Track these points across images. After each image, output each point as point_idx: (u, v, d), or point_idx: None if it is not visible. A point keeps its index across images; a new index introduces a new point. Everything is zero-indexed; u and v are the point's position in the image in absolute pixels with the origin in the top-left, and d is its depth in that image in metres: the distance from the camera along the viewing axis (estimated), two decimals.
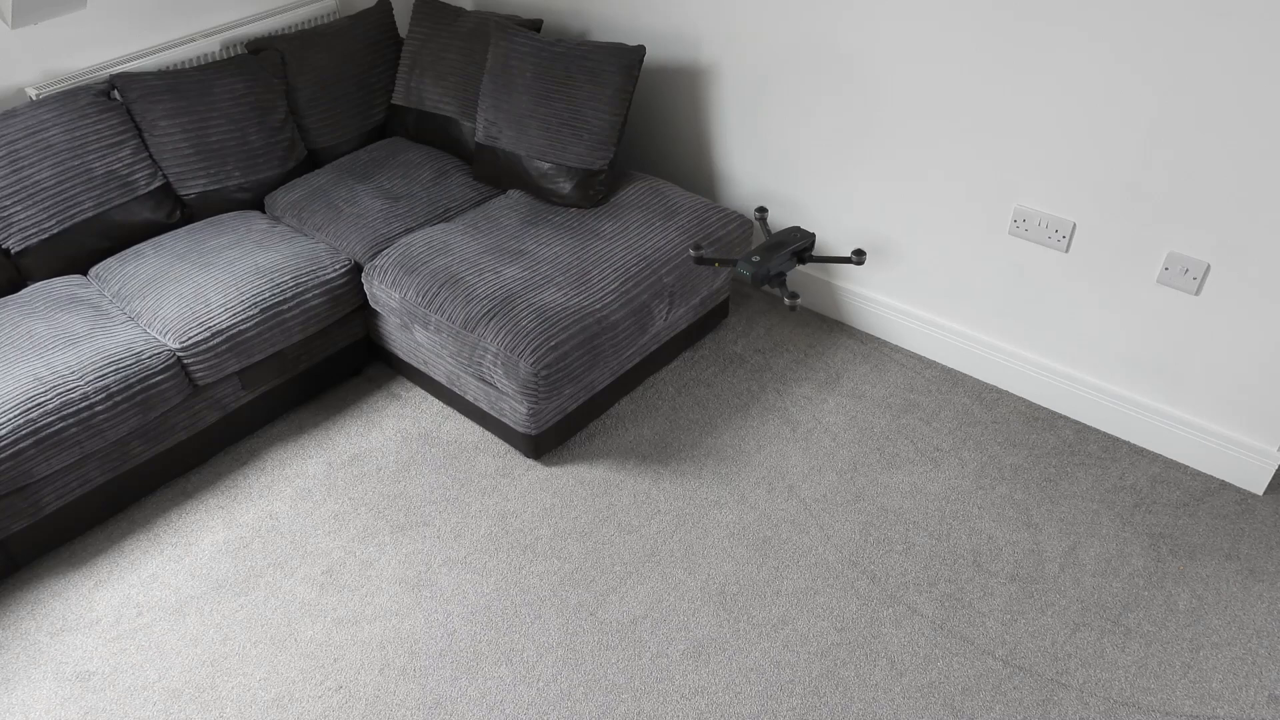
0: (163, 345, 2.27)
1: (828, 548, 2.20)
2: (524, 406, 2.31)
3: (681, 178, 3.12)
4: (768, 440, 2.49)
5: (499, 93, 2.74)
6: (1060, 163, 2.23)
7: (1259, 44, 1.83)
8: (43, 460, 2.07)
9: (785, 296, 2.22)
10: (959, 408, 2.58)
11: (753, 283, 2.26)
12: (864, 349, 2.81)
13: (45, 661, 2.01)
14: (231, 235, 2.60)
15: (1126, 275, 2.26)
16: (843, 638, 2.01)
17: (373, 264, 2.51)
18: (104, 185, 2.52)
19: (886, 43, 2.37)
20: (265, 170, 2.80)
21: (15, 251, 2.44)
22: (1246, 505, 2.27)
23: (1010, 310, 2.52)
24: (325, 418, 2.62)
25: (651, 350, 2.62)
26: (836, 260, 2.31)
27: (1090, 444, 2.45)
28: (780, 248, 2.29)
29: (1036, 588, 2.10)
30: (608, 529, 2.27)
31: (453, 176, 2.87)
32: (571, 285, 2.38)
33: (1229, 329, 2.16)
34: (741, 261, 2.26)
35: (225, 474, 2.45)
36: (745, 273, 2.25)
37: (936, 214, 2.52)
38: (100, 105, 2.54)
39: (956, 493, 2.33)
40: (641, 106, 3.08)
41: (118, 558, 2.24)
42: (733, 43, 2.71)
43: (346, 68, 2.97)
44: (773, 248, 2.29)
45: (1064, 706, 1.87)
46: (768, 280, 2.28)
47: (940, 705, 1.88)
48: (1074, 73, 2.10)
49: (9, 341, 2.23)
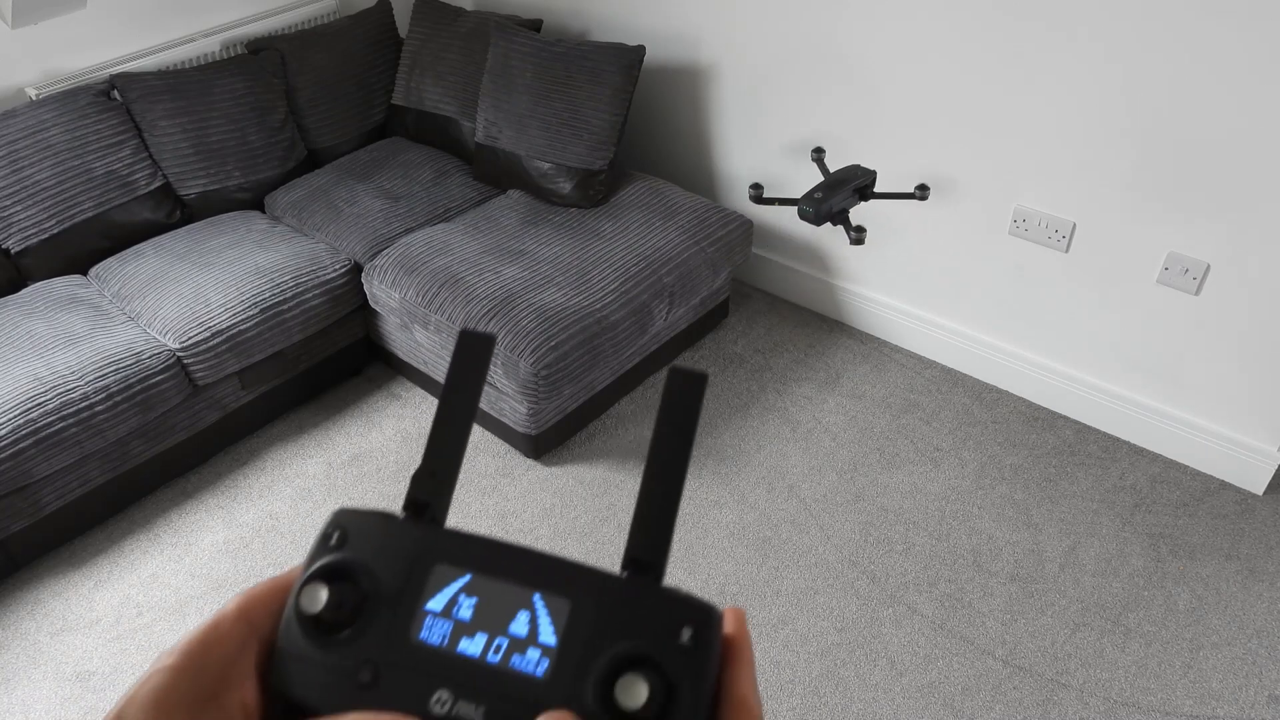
0: (163, 345, 2.27)
1: (828, 548, 2.20)
2: (524, 406, 2.31)
3: (681, 178, 3.12)
4: (768, 440, 2.49)
5: (499, 93, 2.74)
6: (1060, 163, 2.23)
7: (1259, 42, 1.83)
8: (43, 460, 2.07)
9: (850, 231, 2.17)
10: (959, 408, 2.58)
11: (816, 221, 2.21)
12: (864, 349, 2.81)
13: (45, 661, 2.01)
14: (231, 235, 2.59)
15: (1126, 275, 2.26)
16: (843, 638, 2.01)
17: (373, 264, 2.51)
18: (104, 185, 2.52)
19: (886, 43, 2.37)
20: (265, 170, 2.80)
21: (15, 251, 2.44)
22: (1246, 505, 2.27)
23: (1010, 310, 2.52)
24: (325, 418, 2.62)
25: (651, 350, 2.62)
26: (900, 196, 2.27)
27: (1090, 444, 2.45)
28: (842, 185, 2.23)
29: (1036, 588, 2.10)
30: (608, 529, 2.27)
31: (453, 176, 2.87)
32: (571, 285, 2.38)
33: (1229, 329, 2.16)
34: (803, 200, 2.21)
35: (225, 474, 2.45)
36: (809, 210, 2.19)
37: (936, 214, 2.52)
38: (100, 105, 2.54)
39: (956, 493, 2.33)
40: (641, 106, 3.08)
41: (118, 558, 2.24)
42: (733, 43, 2.71)
43: (346, 68, 2.97)
44: (834, 185, 2.22)
45: (1064, 706, 1.87)
46: (830, 218, 2.22)
47: (940, 705, 1.88)
48: (1074, 73, 2.10)
49: (9, 341, 2.23)
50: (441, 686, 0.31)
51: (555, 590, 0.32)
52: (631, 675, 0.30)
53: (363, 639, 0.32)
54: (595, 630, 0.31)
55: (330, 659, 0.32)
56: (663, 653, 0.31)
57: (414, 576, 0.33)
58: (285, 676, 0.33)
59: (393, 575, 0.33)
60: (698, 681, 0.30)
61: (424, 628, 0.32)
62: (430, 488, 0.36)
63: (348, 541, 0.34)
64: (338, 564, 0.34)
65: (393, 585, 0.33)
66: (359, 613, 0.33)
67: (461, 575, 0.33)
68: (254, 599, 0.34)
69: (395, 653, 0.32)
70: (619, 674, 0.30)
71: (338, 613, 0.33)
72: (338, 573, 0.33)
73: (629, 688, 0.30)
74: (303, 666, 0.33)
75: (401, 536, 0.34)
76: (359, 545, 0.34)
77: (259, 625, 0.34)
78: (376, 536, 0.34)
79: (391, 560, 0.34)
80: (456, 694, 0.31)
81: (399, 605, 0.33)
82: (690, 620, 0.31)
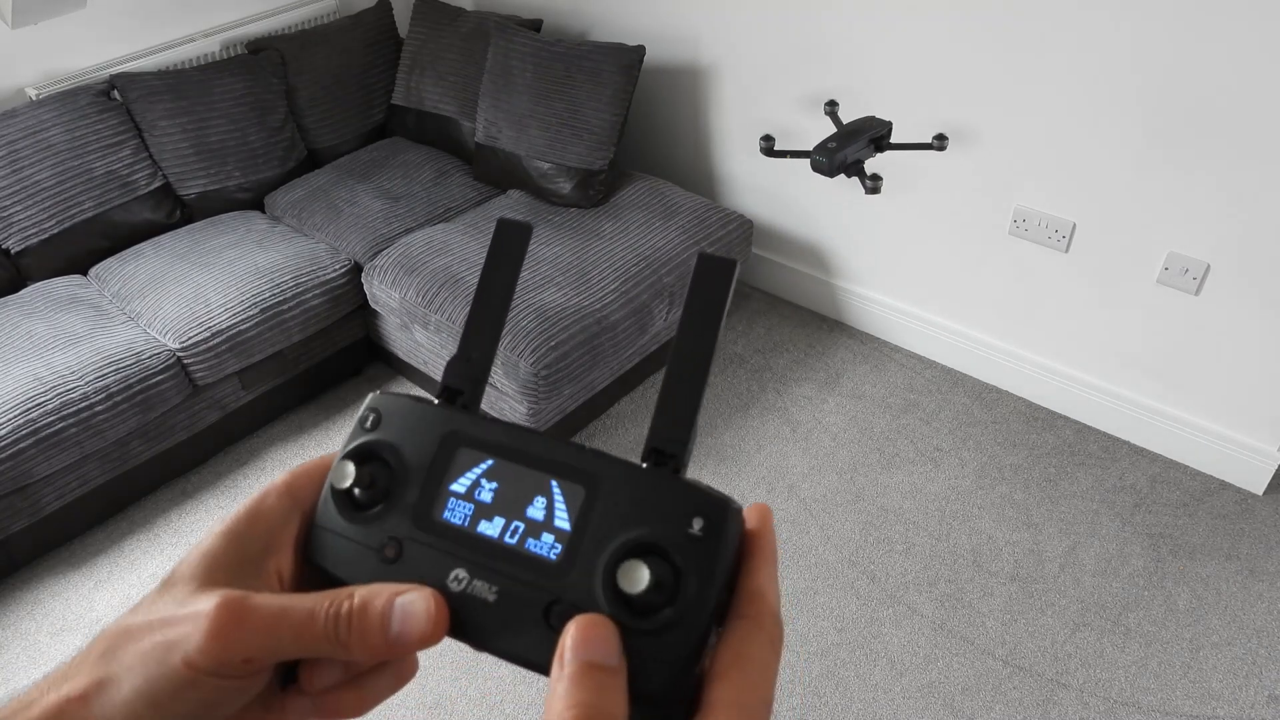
0: (163, 345, 2.27)
1: (828, 548, 2.20)
2: (524, 406, 2.31)
3: (681, 178, 3.12)
4: (768, 440, 2.49)
5: (499, 93, 2.74)
6: (1060, 163, 2.23)
7: (1258, 42, 1.83)
8: (43, 460, 2.07)
9: (866, 180, 2.11)
10: (959, 408, 2.58)
11: (829, 172, 2.16)
12: (864, 349, 2.81)
13: (45, 661, 2.01)
14: (231, 235, 2.59)
15: (1126, 275, 2.26)
16: (843, 638, 2.01)
17: (373, 264, 2.51)
18: (104, 185, 2.52)
19: (887, 43, 2.37)
20: (265, 170, 2.80)
21: (15, 251, 2.44)
22: (1246, 505, 2.27)
23: (1010, 310, 2.52)
24: (325, 418, 2.62)
25: (651, 350, 2.62)
26: (918, 147, 2.21)
27: (1090, 444, 2.45)
28: (856, 135, 2.18)
29: (1036, 588, 2.10)
30: None
31: (453, 176, 2.87)
32: (571, 285, 2.38)
33: (1229, 329, 2.16)
34: (816, 150, 2.18)
35: (225, 474, 2.45)
36: (822, 160, 2.15)
37: (936, 214, 2.52)
38: (100, 105, 2.54)
39: (956, 493, 2.33)
40: (641, 106, 3.08)
41: (118, 558, 2.24)
42: (733, 43, 2.71)
43: (346, 68, 2.97)
44: (848, 135, 2.18)
45: (1064, 706, 1.87)
46: (844, 169, 2.18)
47: (940, 705, 1.88)
48: (1074, 72, 2.10)
49: (9, 341, 2.23)
50: (460, 565, 0.33)
51: (573, 478, 0.33)
52: (633, 561, 0.30)
53: (390, 516, 0.34)
54: (608, 517, 0.32)
55: (359, 533, 0.34)
56: (671, 541, 0.31)
57: (440, 459, 0.35)
58: (319, 549, 0.35)
59: (421, 457, 0.35)
60: (706, 571, 0.31)
61: (447, 508, 0.34)
62: (464, 374, 0.37)
63: (381, 424, 0.36)
64: (370, 445, 0.35)
65: (420, 466, 0.35)
66: (387, 492, 0.35)
67: (485, 460, 0.34)
68: (299, 475, 0.37)
69: (419, 530, 0.34)
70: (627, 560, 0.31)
71: (368, 491, 0.35)
72: (369, 454, 0.35)
73: (630, 573, 0.30)
74: (335, 540, 0.35)
75: (432, 420, 0.36)
76: (391, 428, 0.36)
77: (302, 500, 0.36)
78: (408, 420, 0.36)
79: (421, 443, 0.35)
80: (473, 572, 0.33)
81: (425, 486, 0.35)
82: (703, 511, 0.31)
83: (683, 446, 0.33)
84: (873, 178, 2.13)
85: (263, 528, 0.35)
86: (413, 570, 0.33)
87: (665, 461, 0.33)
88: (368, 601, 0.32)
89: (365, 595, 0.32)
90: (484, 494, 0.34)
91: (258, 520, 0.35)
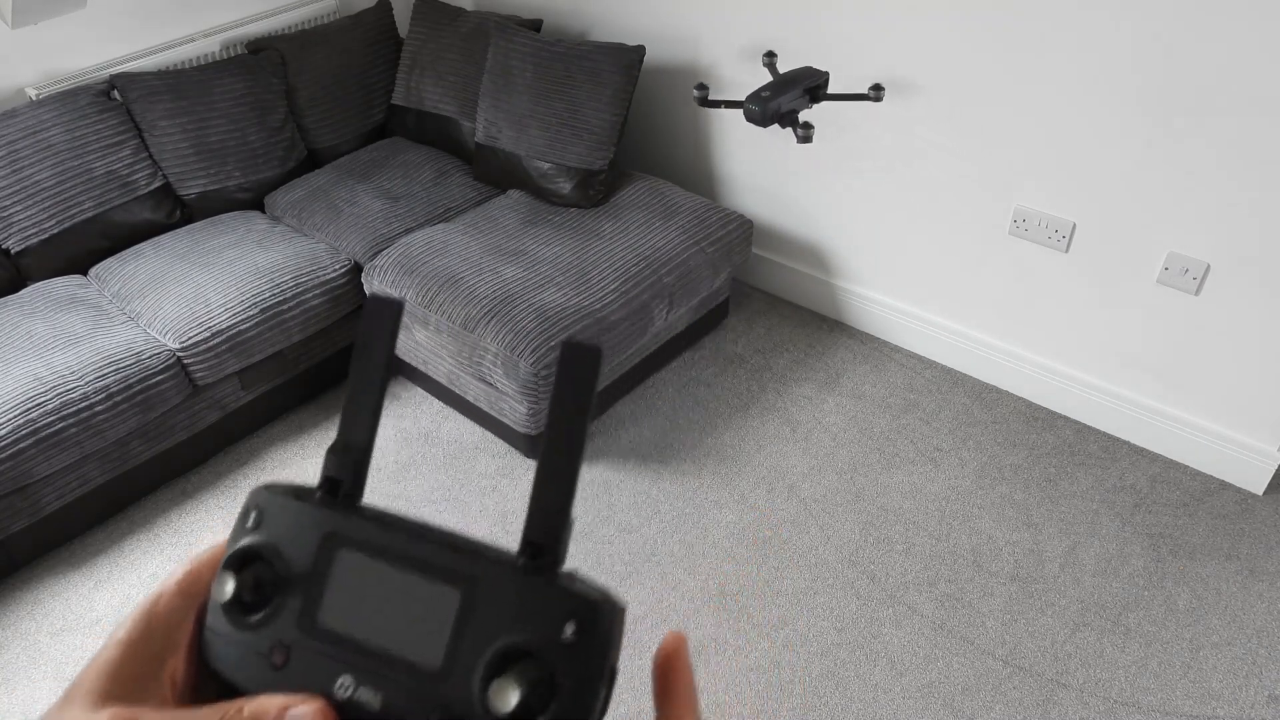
0: (163, 345, 2.27)
1: (828, 548, 2.20)
2: (524, 406, 2.31)
3: (681, 178, 3.12)
4: (768, 440, 2.49)
5: (499, 93, 2.74)
6: (1060, 163, 2.23)
7: (1258, 42, 1.83)
8: (43, 460, 2.07)
9: (798, 129, 2.08)
10: (959, 408, 2.58)
11: (762, 121, 2.13)
12: (864, 349, 2.81)
13: (45, 661, 2.01)
14: (231, 235, 2.60)
15: (1126, 275, 2.26)
16: (843, 638, 2.01)
17: (373, 264, 2.51)
18: (104, 185, 2.52)
19: (886, 42, 2.37)
20: (265, 170, 2.80)
21: (15, 251, 2.44)
22: (1246, 505, 2.27)
23: (1010, 310, 2.52)
24: (325, 418, 2.62)
25: (651, 350, 2.62)
26: (854, 98, 2.16)
27: (1090, 444, 2.45)
28: (791, 84, 2.15)
29: (1036, 588, 2.10)
30: (608, 529, 2.27)
31: (453, 176, 2.87)
32: (571, 285, 2.38)
33: (1229, 329, 2.16)
34: (749, 99, 2.14)
35: (225, 474, 2.45)
36: (754, 109, 2.12)
37: (936, 214, 2.52)
38: (100, 105, 2.54)
39: (956, 493, 2.33)
40: (641, 106, 3.08)
41: (118, 558, 2.24)
42: (732, 43, 2.71)
43: (346, 68, 2.97)
44: (782, 85, 2.15)
45: (1064, 706, 1.87)
46: (778, 119, 2.14)
47: (940, 705, 1.88)
48: (1074, 72, 2.10)
49: (9, 341, 2.23)
50: (345, 671, 0.32)
51: (451, 581, 0.33)
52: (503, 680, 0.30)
53: (276, 621, 0.34)
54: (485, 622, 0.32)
55: (246, 640, 0.34)
56: (543, 648, 0.31)
57: (321, 560, 0.34)
58: (211, 652, 0.34)
59: (303, 560, 0.34)
60: (581, 676, 0.30)
61: (330, 612, 0.33)
62: (344, 462, 0.36)
63: (263, 523, 0.35)
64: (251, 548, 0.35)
65: (303, 569, 0.34)
66: (272, 595, 0.34)
67: (365, 561, 0.34)
68: (193, 572, 0.35)
69: (304, 636, 0.33)
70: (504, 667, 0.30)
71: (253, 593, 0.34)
72: (251, 556, 0.35)
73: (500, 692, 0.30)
74: (224, 644, 0.34)
75: (312, 520, 0.35)
76: (272, 527, 0.35)
77: (196, 595, 0.35)
78: (288, 519, 0.35)
79: (301, 544, 0.34)
80: (359, 679, 0.32)
81: (308, 589, 0.34)
82: (575, 614, 0.31)
83: (557, 539, 0.33)
84: (804, 125, 2.08)
85: (159, 631, 0.34)
86: (300, 677, 0.33)
87: (541, 554, 0.33)
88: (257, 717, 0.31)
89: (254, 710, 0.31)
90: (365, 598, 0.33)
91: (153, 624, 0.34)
